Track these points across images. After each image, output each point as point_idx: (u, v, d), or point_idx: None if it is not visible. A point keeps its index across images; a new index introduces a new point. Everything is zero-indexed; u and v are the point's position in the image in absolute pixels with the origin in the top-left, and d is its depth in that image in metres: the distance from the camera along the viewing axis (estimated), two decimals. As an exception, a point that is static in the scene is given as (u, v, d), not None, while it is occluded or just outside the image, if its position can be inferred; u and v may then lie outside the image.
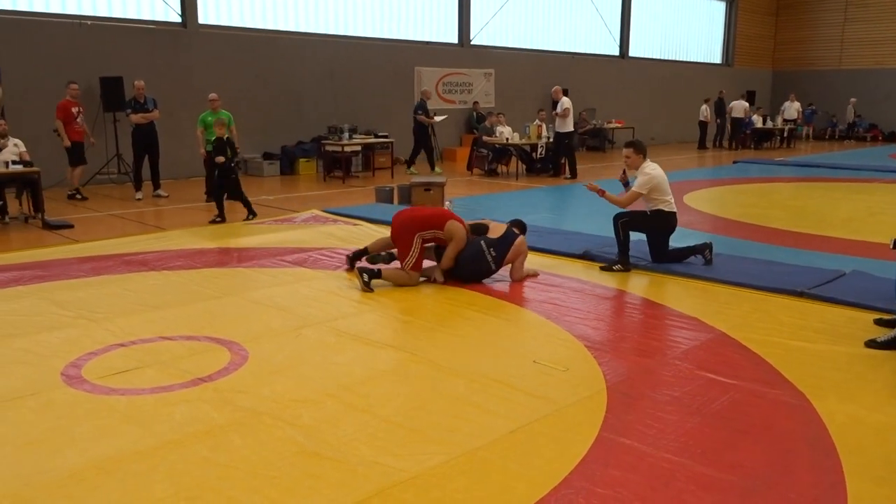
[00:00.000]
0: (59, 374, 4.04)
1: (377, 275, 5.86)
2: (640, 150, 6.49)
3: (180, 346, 4.51)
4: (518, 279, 6.04)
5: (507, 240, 6.04)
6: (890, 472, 3.03)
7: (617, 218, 6.44)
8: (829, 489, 2.89)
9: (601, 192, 6.50)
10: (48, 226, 8.51)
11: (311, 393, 3.79)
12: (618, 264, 6.44)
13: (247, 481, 2.92)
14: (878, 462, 3.10)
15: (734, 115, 21.93)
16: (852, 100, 25.86)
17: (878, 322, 4.86)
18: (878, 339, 4.49)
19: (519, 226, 6.24)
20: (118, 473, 2.98)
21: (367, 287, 5.74)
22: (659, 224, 6.48)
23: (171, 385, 3.88)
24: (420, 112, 14.70)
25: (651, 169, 6.43)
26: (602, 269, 6.44)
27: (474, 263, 5.97)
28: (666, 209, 6.45)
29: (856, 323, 4.92)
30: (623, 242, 6.41)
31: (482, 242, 6.01)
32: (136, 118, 10.54)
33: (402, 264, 5.92)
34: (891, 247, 4.58)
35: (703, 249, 6.49)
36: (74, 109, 10.58)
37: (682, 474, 2.98)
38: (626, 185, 6.79)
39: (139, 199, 10.70)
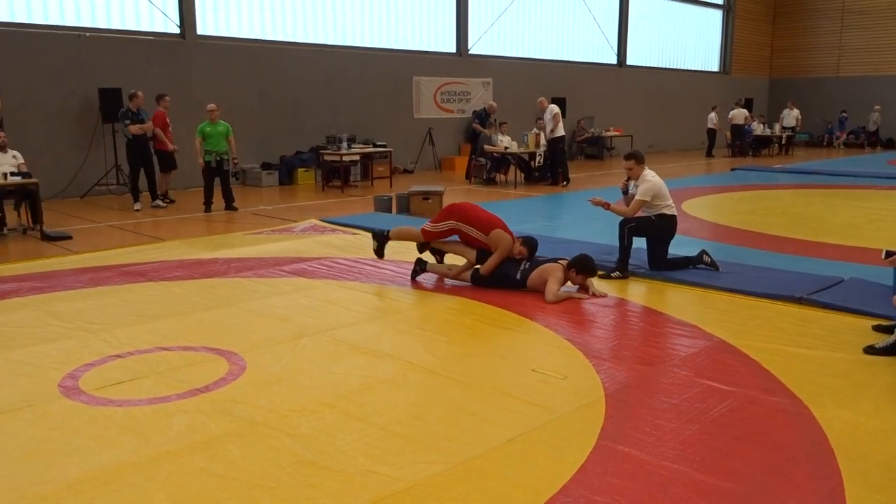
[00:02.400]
0: (57, 385, 4.03)
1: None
2: (640, 161, 6.66)
3: (178, 356, 4.51)
4: (550, 301, 5.71)
5: (539, 261, 6.06)
6: (889, 479, 3.02)
7: (624, 224, 6.51)
8: (827, 496, 2.88)
9: (606, 205, 6.61)
10: (46, 237, 8.52)
11: (309, 403, 3.78)
12: (616, 271, 6.48)
13: (244, 491, 2.92)
14: (877, 468, 3.10)
15: (734, 122, 21.95)
16: (877, 107, 25.78)
17: (877, 328, 4.86)
18: (877, 346, 4.48)
19: (577, 264, 5.97)
20: (115, 485, 2.97)
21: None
22: (663, 228, 6.58)
23: (168, 396, 3.87)
24: (477, 121, 15.53)
25: (651, 176, 6.58)
26: (600, 276, 6.44)
27: (507, 266, 6.05)
28: (668, 212, 6.59)
29: (854, 329, 4.92)
30: (626, 248, 6.49)
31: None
32: (135, 129, 10.53)
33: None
34: (882, 257, 4.58)
35: (701, 257, 6.53)
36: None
37: (681, 482, 2.97)
38: (625, 192, 6.88)
39: (137, 210, 10.70)
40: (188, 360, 4.44)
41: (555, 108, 14.11)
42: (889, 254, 4.56)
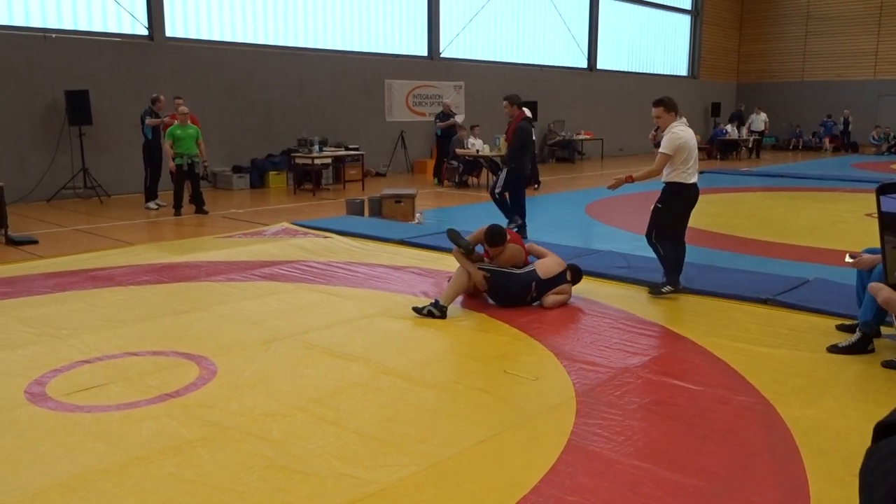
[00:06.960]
0: (23, 391, 3.97)
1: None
2: (670, 107, 5.68)
3: (147, 361, 4.46)
4: (548, 307, 5.67)
5: (551, 284, 5.77)
6: (851, 475, 3.07)
7: (648, 235, 5.95)
8: (792, 492, 2.94)
9: (630, 179, 5.82)
10: (12, 241, 8.36)
11: (281, 406, 3.77)
12: (666, 286, 5.93)
13: (215, 497, 2.90)
14: (840, 465, 3.17)
15: None
16: (845, 111, 26.20)
17: (840, 328, 4.96)
18: (840, 345, 4.59)
19: (575, 274, 5.96)
20: (83, 491, 2.93)
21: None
22: (678, 203, 5.78)
23: (137, 401, 3.83)
24: (439, 121, 15.73)
25: (680, 130, 5.68)
26: (650, 293, 5.99)
27: (519, 295, 5.73)
28: (682, 181, 5.67)
29: (818, 329, 5.02)
30: (665, 258, 5.90)
31: (533, 283, 5.75)
32: (152, 122, 10.92)
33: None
34: (846, 259, 4.69)
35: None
36: None
37: (649, 480, 3.01)
38: (657, 145, 6.11)
39: (154, 209, 11.05)
40: (158, 365, 4.40)
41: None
42: (852, 256, 4.67)
